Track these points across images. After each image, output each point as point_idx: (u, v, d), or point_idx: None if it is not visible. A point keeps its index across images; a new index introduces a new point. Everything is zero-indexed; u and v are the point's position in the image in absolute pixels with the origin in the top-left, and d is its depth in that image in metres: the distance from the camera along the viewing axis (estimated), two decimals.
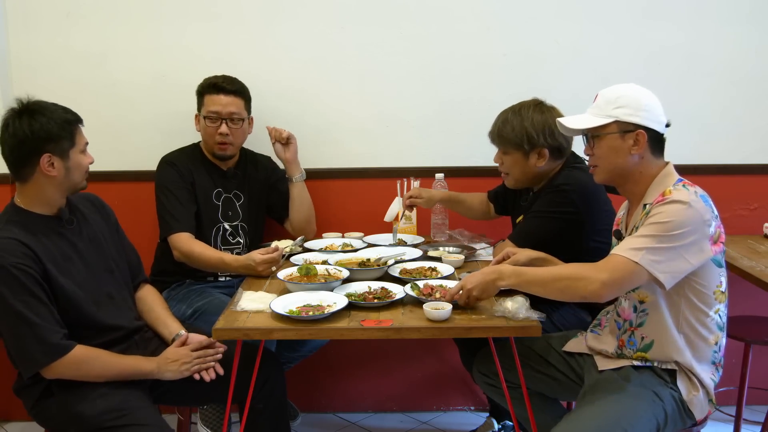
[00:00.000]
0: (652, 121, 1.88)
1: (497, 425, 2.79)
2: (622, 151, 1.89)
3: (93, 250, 2.07)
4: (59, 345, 1.87)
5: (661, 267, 1.76)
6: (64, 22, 2.88)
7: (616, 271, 1.78)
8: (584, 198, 2.26)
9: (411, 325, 1.91)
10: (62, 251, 1.97)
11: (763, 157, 2.99)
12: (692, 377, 1.88)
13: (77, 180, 1.99)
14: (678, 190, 1.83)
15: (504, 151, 2.39)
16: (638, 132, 1.86)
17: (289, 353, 2.73)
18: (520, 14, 2.89)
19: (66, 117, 1.95)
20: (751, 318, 2.74)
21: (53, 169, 1.92)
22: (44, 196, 1.97)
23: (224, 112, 2.60)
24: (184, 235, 2.52)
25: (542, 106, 2.36)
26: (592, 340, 2.08)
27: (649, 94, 1.92)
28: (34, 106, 1.94)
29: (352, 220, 2.99)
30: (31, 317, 1.84)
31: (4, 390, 2.99)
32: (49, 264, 1.91)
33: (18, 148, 1.92)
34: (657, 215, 1.79)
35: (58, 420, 1.96)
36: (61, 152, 1.93)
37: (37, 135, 1.89)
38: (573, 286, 1.82)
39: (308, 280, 2.19)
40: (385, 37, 2.90)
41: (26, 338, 1.85)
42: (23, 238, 1.88)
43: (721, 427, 2.85)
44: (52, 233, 1.97)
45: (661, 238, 1.76)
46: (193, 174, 2.62)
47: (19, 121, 1.91)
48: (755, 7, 2.89)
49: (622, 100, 1.89)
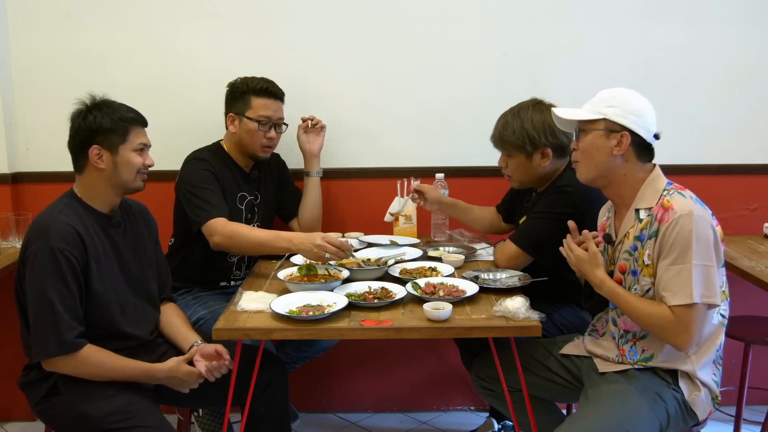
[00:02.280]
0: (640, 126, 1.88)
1: (497, 425, 2.79)
2: (604, 149, 1.91)
3: (132, 258, 2.11)
4: (72, 342, 1.89)
5: (710, 292, 1.79)
6: (64, 23, 2.88)
7: (692, 325, 1.79)
8: (585, 200, 2.26)
9: (411, 325, 1.91)
10: (106, 251, 2.01)
11: (763, 157, 2.99)
12: (694, 378, 1.88)
13: (126, 178, 2.02)
14: (675, 199, 1.83)
15: (507, 155, 2.39)
16: (623, 134, 1.88)
17: (295, 353, 2.73)
18: (519, 14, 2.89)
19: (123, 115, 2.02)
20: (751, 318, 2.73)
21: (101, 161, 1.98)
22: (96, 190, 2.02)
23: (275, 118, 2.61)
24: (222, 220, 2.42)
25: (541, 105, 2.35)
26: (590, 344, 2.08)
27: (644, 102, 1.93)
28: (99, 103, 2.03)
29: (352, 220, 2.99)
30: (58, 306, 1.87)
31: (5, 390, 3.00)
32: (92, 259, 1.95)
33: (73, 138, 2.02)
34: (676, 241, 1.79)
35: (63, 419, 1.97)
36: (110, 146, 1.99)
37: (89, 127, 1.98)
38: (659, 335, 1.85)
39: (308, 280, 2.19)
40: (385, 37, 2.90)
41: (46, 325, 1.88)
42: (78, 226, 1.94)
43: (721, 427, 2.85)
44: (101, 230, 2.02)
45: (696, 267, 1.77)
46: (221, 176, 2.59)
47: (82, 115, 2.01)
48: (755, 8, 2.89)
49: (615, 100, 1.91)
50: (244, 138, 2.61)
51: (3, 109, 2.88)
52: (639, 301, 1.87)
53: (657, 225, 1.84)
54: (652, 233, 1.85)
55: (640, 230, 1.89)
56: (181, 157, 2.62)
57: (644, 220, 1.89)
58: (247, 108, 2.59)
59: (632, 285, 1.92)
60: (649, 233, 1.86)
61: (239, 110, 2.60)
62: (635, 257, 1.91)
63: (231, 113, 2.62)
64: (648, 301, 1.88)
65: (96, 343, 1.95)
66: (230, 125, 2.63)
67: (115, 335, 2.01)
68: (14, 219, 2.76)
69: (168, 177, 2.64)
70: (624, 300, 1.89)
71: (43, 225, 1.92)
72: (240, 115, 2.60)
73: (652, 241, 1.85)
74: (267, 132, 2.60)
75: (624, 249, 1.95)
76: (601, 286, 1.92)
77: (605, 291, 1.92)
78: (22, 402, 2.18)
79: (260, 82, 2.60)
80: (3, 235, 2.77)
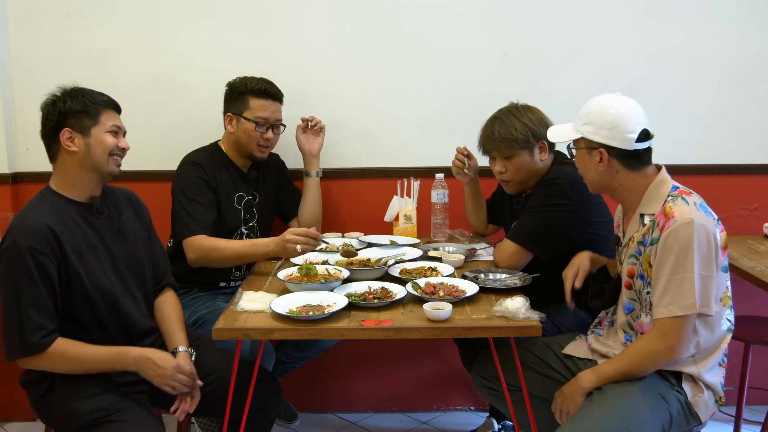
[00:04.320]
0: (614, 139, 1.87)
1: (497, 425, 2.79)
2: (590, 166, 1.94)
3: (119, 244, 2.08)
4: (36, 344, 1.87)
5: (706, 302, 1.78)
6: (64, 22, 2.88)
7: (678, 334, 1.80)
8: (575, 190, 2.28)
9: (411, 325, 1.91)
10: (88, 239, 1.99)
11: (763, 157, 2.99)
12: (698, 381, 1.88)
13: (99, 159, 1.98)
14: (678, 206, 1.82)
15: (507, 156, 2.38)
16: (600, 150, 1.89)
17: (295, 353, 2.73)
18: (519, 14, 2.89)
19: (95, 98, 2.00)
20: (751, 318, 2.73)
21: (73, 144, 1.96)
22: (71, 177, 1.99)
23: (272, 119, 2.61)
24: (200, 237, 2.43)
25: (526, 105, 2.40)
26: (595, 343, 2.07)
27: (621, 109, 1.88)
28: (70, 90, 2.01)
29: (352, 220, 2.99)
30: (24, 307, 1.85)
31: (5, 390, 3.00)
32: (70, 250, 1.92)
33: (44, 124, 1.99)
34: (669, 250, 1.79)
35: (56, 415, 1.97)
36: (81, 128, 1.96)
37: (59, 111, 1.96)
38: (655, 362, 1.85)
39: (308, 280, 2.19)
40: (385, 37, 2.90)
41: (14, 326, 1.87)
42: (51, 221, 1.90)
43: (721, 427, 2.85)
44: (80, 219, 1.99)
45: (696, 277, 1.77)
46: (217, 178, 2.58)
47: (51, 102, 1.99)
48: (755, 7, 2.89)
49: (590, 116, 1.91)
50: (241, 138, 2.61)
51: (3, 109, 2.88)
52: (629, 352, 1.89)
53: (659, 232, 1.83)
54: (654, 239, 1.85)
55: (643, 235, 1.89)
56: (180, 157, 2.62)
57: (647, 225, 1.89)
58: (245, 108, 2.59)
59: (642, 289, 1.92)
60: (651, 239, 1.86)
61: (237, 110, 2.60)
62: (640, 262, 1.91)
63: (229, 113, 2.62)
64: (632, 347, 1.90)
65: (87, 333, 1.94)
66: (228, 125, 2.63)
67: (107, 324, 2.00)
68: None
69: (168, 177, 2.63)
70: (623, 364, 1.88)
71: (14, 223, 1.90)
72: (238, 116, 2.60)
73: (653, 248, 1.85)
74: (264, 133, 2.60)
75: (630, 253, 1.95)
76: (602, 380, 1.89)
77: (604, 379, 1.89)
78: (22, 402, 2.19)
79: (259, 82, 2.60)
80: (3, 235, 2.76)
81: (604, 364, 1.94)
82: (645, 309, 1.92)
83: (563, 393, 1.95)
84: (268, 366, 2.51)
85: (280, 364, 2.72)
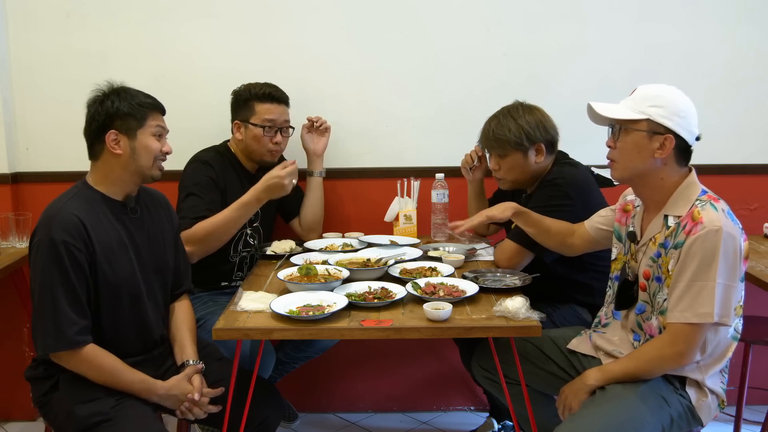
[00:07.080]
0: (684, 129, 1.82)
1: (497, 425, 2.80)
2: (646, 151, 1.83)
3: (149, 247, 2.07)
4: (71, 339, 1.86)
5: (726, 312, 1.77)
6: (64, 22, 2.88)
7: (689, 341, 1.79)
8: (577, 190, 2.29)
9: (411, 325, 1.91)
10: (119, 238, 1.98)
11: (763, 157, 3.00)
12: (702, 386, 1.87)
13: (144, 163, 1.99)
14: (707, 211, 1.77)
15: (501, 155, 2.40)
16: (667, 136, 1.81)
17: (295, 353, 2.73)
18: (520, 14, 2.89)
19: (141, 100, 1.99)
20: (751, 318, 2.72)
21: (118, 147, 1.96)
22: (112, 177, 1.99)
23: (280, 121, 2.61)
24: (192, 228, 2.40)
25: (529, 106, 2.41)
26: (599, 339, 2.06)
27: (688, 103, 1.84)
28: (117, 89, 2.00)
29: (352, 220, 3.00)
30: (59, 299, 1.84)
31: (5, 390, 3.00)
32: (99, 247, 1.91)
33: (89, 124, 1.98)
34: (693, 256, 1.75)
35: (56, 415, 1.97)
36: (127, 130, 1.96)
37: (107, 112, 1.95)
38: (663, 366, 1.84)
39: (308, 280, 2.19)
40: (385, 37, 2.90)
41: (47, 318, 1.85)
42: (83, 215, 1.90)
43: (721, 427, 2.85)
44: (113, 217, 1.99)
45: (718, 286, 1.74)
46: (226, 179, 2.58)
47: (99, 100, 1.98)
48: (755, 7, 2.89)
49: (660, 99, 1.82)
50: (250, 144, 2.62)
51: (3, 109, 2.89)
52: (638, 354, 1.88)
53: (684, 236, 1.78)
54: (678, 243, 1.80)
55: (665, 237, 1.84)
56: (181, 157, 2.61)
57: (671, 227, 1.83)
58: (251, 114, 2.59)
59: (656, 291, 1.88)
60: (674, 243, 1.81)
61: (244, 117, 2.61)
62: (659, 264, 1.87)
63: (236, 121, 2.63)
64: (641, 349, 1.89)
65: (105, 334, 1.93)
66: (236, 132, 2.64)
67: (125, 325, 1.99)
68: (14, 219, 2.76)
69: (168, 177, 2.62)
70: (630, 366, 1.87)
71: (48, 215, 1.89)
72: (245, 122, 2.60)
73: (676, 252, 1.80)
74: (273, 137, 2.60)
75: (648, 254, 1.90)
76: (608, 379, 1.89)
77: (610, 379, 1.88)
78: (22, 402, 2.19)
79: (263, 87, 2.61)
80: (3, 235, 2.77)
81: (611, 363, 1.93)
82: (656, 311, 1.90)
83: (568, 389, 1.94)
84: (269, 366, 2.51)
85: (280, 364, 2.72)
